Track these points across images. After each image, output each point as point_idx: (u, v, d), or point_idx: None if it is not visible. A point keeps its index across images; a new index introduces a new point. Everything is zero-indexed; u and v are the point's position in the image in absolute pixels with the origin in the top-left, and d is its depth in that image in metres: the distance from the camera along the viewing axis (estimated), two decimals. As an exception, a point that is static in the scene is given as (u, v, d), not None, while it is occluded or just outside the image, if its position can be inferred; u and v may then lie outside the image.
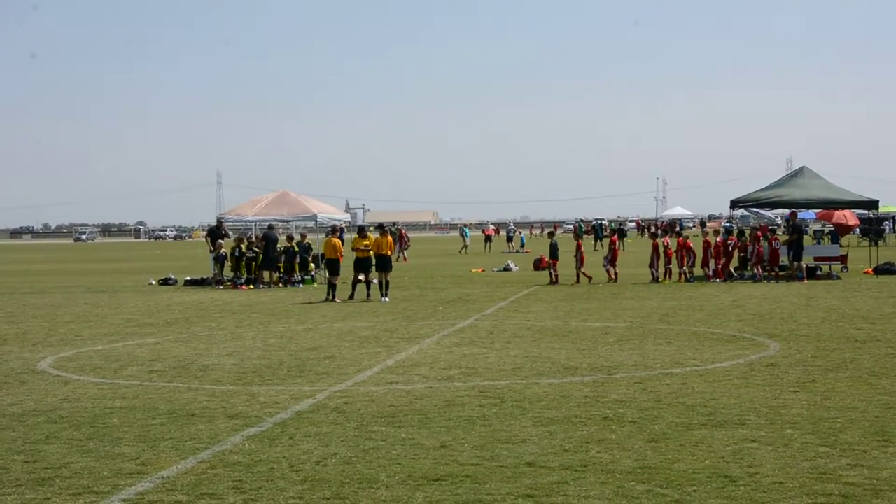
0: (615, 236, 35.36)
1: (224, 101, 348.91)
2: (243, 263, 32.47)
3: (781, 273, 31.04)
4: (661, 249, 31.51)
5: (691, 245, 32.22)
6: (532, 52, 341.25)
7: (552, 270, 31.39)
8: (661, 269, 31.11)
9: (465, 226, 73.07)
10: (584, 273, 31.22)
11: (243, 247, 32.77)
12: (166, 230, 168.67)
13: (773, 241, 31.04)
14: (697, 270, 31.50)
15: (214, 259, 33.45)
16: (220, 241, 33.35)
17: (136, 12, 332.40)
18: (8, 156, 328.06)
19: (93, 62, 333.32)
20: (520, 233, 66.69)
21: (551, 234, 33.49)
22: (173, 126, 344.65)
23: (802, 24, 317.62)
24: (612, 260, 31.64)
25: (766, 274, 30.48)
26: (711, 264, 31.00)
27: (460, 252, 61.06)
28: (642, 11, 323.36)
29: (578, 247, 32.55)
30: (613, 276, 31.10)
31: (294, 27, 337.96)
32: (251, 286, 32.03)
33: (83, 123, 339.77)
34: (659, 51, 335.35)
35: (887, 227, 71.29)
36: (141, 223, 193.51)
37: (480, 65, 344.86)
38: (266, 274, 32.46)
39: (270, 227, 33.45)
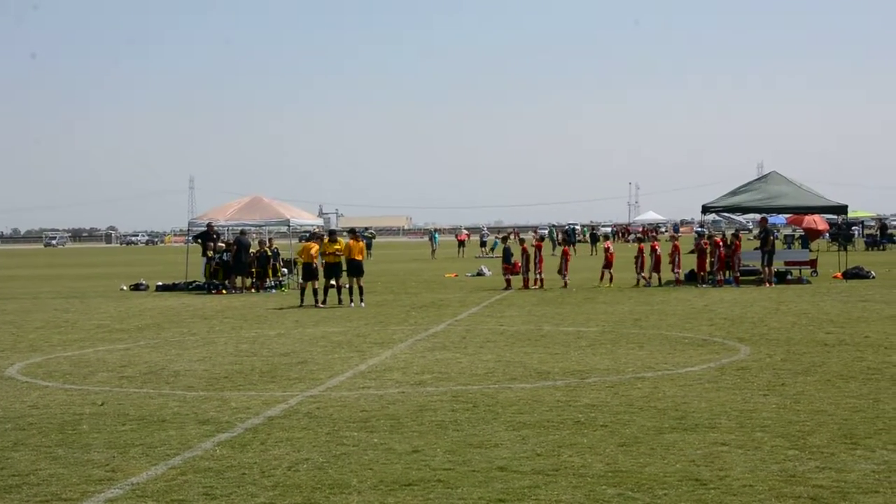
0: (566, 246, 35.20)
1: (196, 105, 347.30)
2: (220, 269, 32.42)
3: (752, 277, 31.31)
4: (648, 252, 31.80)
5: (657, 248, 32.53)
6: (502, 56, 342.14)
7: (523, 275, 31.48)
8: (648, 273, 31.37)
9: (436, 231, 73.02)
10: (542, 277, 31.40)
11: (211, 252, 32.73)
12: (138, 235, 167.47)
13: (737, 248, 31.34)
14: (670, 275, 31.71)
15: (207, 264, 33.12)
16: (211, 244, 33.08)
17: (108, 20, 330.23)
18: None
19: (66, 67, 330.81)
20: (493, 237, 66.87)
21: (505, 240, 33.74)
22: (145, 131, 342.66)
23: (773, 29, 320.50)
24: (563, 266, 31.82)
25: (724, 278, 30.77)
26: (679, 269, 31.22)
27: (432, 257, 61.13)
28: (624, 13, 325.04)
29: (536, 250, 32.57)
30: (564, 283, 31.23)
31: (266, 34, 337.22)
32: (224, 291, 31.90)
33: (53, 127, 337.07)
34: (630, 55, 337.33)
35: (856, 232, 71.98)
36: (112, 228, 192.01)
37: (454, 69, 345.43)
38: (238, 279, 32.34)
39: (242, 232, 33.30)
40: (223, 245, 33.07)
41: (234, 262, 32.14)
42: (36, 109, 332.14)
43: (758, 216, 42.45)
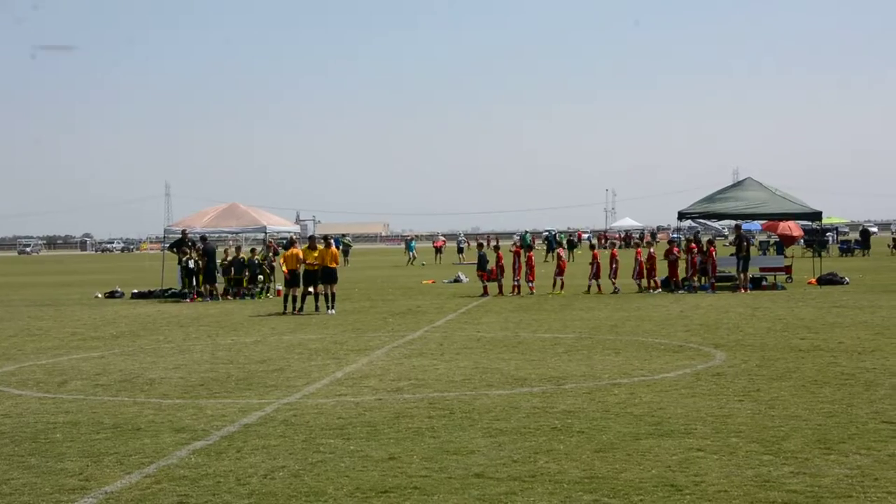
0: (531, 252, 35.06)
1: (172, 112, 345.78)
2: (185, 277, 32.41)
3: (727, 283, 31.52)
4: (645, 258, 32.00)
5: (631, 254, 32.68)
6: (479, 61, 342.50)
7: (499, 281, 31.55)
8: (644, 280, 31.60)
9: (411, 238, 72.96)
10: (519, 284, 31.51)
11: (185, 259, 32.68)
12: (113, 242, 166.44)
13: (711, 253, 31.56)
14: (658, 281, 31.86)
15: (184, 271, 32.93)
16: (186, 251, 32.91)
17: (83, 32, 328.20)
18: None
19: (37, 72, 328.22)
20: (469, 244, 66.89)
21: (480, 246, 33.85)
22: (121, 137, 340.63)
23: (746, 36, 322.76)
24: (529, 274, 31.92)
25: (700, 284, 30.98)
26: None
27: (412, 264, 61.13)
28: (604, 17, 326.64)
29: (520, 256, 32.66)
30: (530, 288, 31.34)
31: (241, 43, 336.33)
32: (199, 299, 31.79)
33: (25, 135, 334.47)
34: (605, 60, 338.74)
35: (830, 238, 72.54)
36: (87, 235, 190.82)
37: (433, 75, 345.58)
38: (207, 286, 32.24)
39: (204, 238, 33.07)
40: (195, 253, 32.88)
41: (203, 269, 32.10)
42: (7, 117, 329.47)
43: (733, 222, 42.73)
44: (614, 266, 31.89)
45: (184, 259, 32.61)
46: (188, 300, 31.75)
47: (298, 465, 9.06)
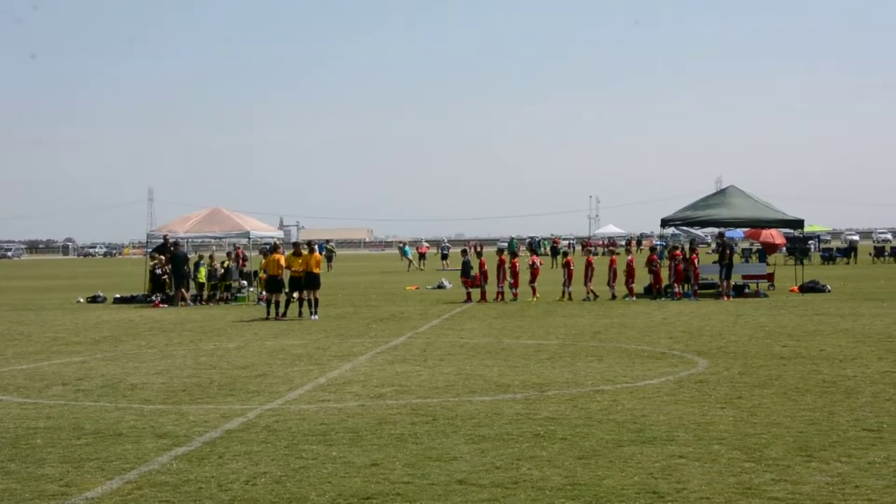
0: (515, 259, 35.05)
1: (155, 116, 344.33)
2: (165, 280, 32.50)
3: (710, 291, 31.66)
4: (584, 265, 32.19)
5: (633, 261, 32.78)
6: (463, 69, 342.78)
7: (482, 288, 31.61)
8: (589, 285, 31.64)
9: (404, 244, 72.99)
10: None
11: (153, 264, 32.80)
12: (96, 247, 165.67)
13: (695, 260, 31.70)
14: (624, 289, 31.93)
15: (150, 275, 33.05)
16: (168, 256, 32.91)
17: (66, 41, 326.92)
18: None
19: (24, 75, 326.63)
20: (452, 250, 67.01)
21: (464, 252, 33.87)
22: (104, 141, 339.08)
23: (728, 44, 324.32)
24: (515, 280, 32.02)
25: (682, 291, 31.10)
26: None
27: (408, 269, 61.27)
28: (593, 23, 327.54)
29: (512, 263, 32.77)
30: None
31: (224, 49, 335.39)
32: (168, 304, 31.81)
33: (6, 139, 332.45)
34: (593, 67, 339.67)
35: (812, 246, 72.95)
36: (70, 240, 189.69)
37: (416, 80, 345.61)
38: (178, 292, 32.27)
39: (176, 244, 33.08)
40: (162, 259, 32.87)
41: (174, 274, 32.14)
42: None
43: (716, 230, 42.92)
44: (589, 273, 32.01)
45: (151, 263, 32.81)
46: (155, 305, 31.80)
47: (281, 472, 9.03)
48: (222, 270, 33.51)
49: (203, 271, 32.98)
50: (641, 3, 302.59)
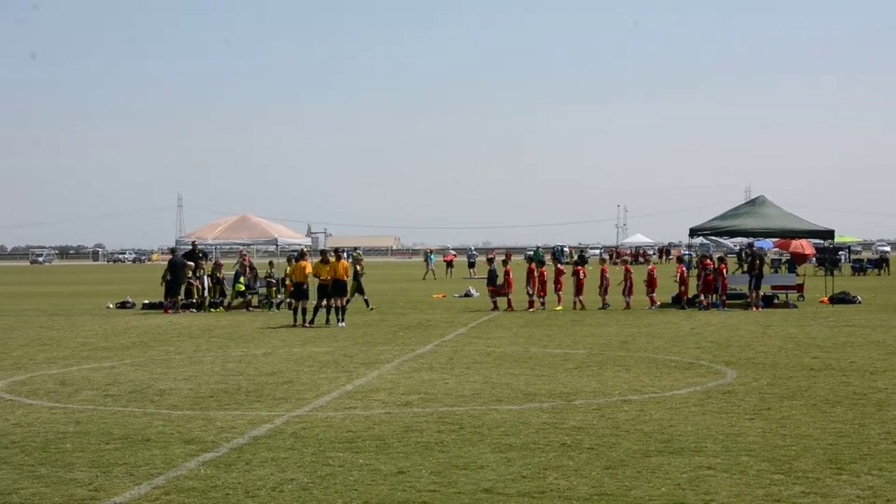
0: (543, 267, 35.02)
1: (185, 123, 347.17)
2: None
3: (739, 301, 31.46)
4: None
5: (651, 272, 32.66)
6: (492, 78, 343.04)
7: (506, 296, 31.56)
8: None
9: (430, 252, 73.02)
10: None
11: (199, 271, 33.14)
12: (125, 253, 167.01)
13: (723, 270, 31.57)
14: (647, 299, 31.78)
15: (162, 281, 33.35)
16: (192, 263, 33.12)
17: (92, 37, 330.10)
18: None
19: (51, 81, 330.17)
20: (480, 258, 66.92)
21: (490, 261, 33.81)
22: (134, 148, 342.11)
23: (758, 55, 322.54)
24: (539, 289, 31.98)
25: (711, 301, 30.92)
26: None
27: (424, 277, 61.18)
28: (624, 29, 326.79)
29: (533, 271, 32.65)
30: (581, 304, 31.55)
31: (253, 50, 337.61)
32: (169, 311, 32.07)
33: (40, 144, 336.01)
34: (623, 76, 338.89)
35: (843, 257, 72.32)
36: (100, 246, 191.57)
37: (448, 87, 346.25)
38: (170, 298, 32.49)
39: (173, 251, 33.45)
40: (210, 263, 33.19)
41: (171, 281, 32.39)
42: (21, 126, 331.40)
43: (745, 240, 42.63)
44: (604, 283, 32.08)
45: (197, 272, 33.04)
46: (168, 311, 32.08)
47: (307, 479, 9.05)
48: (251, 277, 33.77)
49: (242, 280, 33.39)
50: (656, 8, 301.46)
